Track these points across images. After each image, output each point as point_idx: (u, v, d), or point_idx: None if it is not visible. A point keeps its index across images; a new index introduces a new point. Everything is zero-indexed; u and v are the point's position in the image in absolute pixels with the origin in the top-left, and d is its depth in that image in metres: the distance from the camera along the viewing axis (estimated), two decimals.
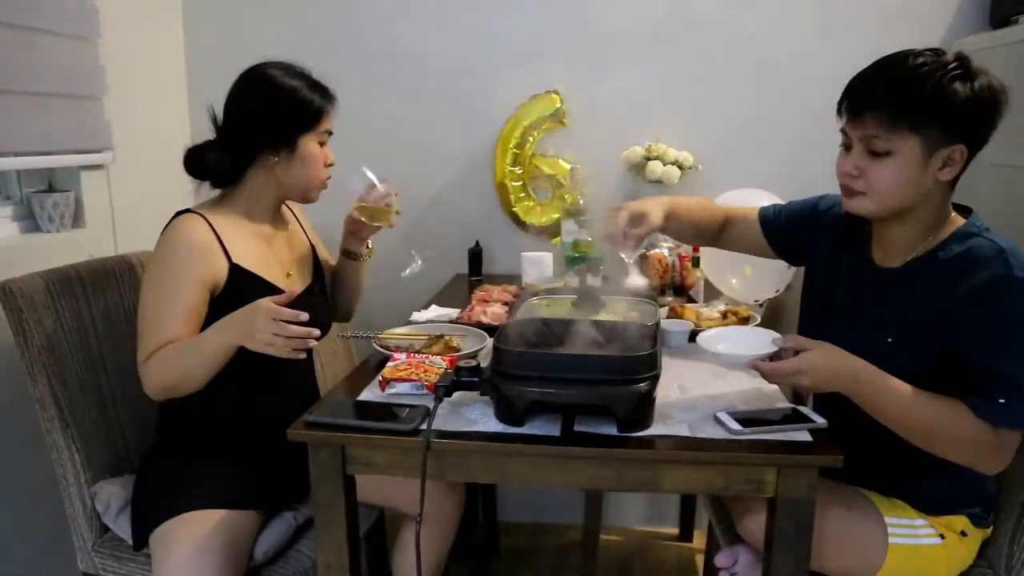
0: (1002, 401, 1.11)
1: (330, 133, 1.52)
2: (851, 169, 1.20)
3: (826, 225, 1.39)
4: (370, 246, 1.71)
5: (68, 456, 1.45)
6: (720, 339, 1.31)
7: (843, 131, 1.23)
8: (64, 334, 1.48)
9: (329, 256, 1.74)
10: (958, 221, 1.23)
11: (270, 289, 1.43)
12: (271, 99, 1.45)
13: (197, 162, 1.46)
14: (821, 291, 1.39)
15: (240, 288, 1.40)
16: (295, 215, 1.67)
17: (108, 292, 1.59)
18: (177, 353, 1.34)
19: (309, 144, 1.47)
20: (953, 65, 1.12)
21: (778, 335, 1.22)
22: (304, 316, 1.25)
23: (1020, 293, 1.11)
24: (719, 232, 1.54)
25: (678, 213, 1.44)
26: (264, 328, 1.24)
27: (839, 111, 1.23)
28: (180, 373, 1.34)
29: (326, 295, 1.68)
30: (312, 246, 1.66)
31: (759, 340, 1.25)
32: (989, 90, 1.13)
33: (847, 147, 1.23)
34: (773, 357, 1.19)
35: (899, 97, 1.14)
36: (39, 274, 1.48)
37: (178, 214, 1.43)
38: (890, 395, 1.15)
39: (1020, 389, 1.11)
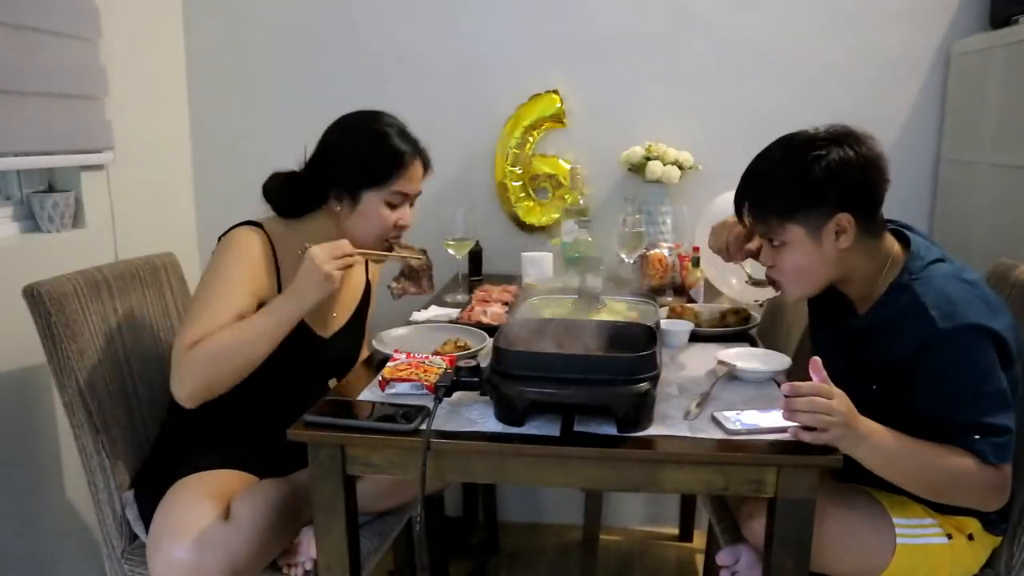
0: (977, 437, 1.15)
1: (406, 196, 1.48)
2: (766, 261, 1.33)
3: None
4: None
5: (98, 462, 1.43)
6: (739, 357, 1.40)
7: None
8: (91, 338, 1.46)
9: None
10: (899, 262, 1.27)
11: (307, 333, 1.44)
12: (351, 141, 1.45)
13: (269, 186, 1.48)
14: (819, 335, 1.47)
15: None
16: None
17: (133, 295, 1.58)
18: (228, 336, 1.31)
19: (374, 201, 1.44)
20: (804, 145, 1.24)
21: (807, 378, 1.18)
22: (347, 248, 1.36)
23: (949, 345, 1.16)
24: None
25: None
26: (325, 260, 1.32)
27: None
28: (230, 359, 1.32)
29: (361, 335, 1.66)
30: (368, 284, 1.66)
31: (774, 360, 1.40)
32: (842, 163, 1.21)
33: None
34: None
35: (762, 199, 1.28)
36: (66, 276, 1.46)
37: (245, 223, 1.44)
38: (901, 449, 1.15)
39: (985, 428, 1.15)
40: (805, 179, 1.22)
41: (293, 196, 1.47)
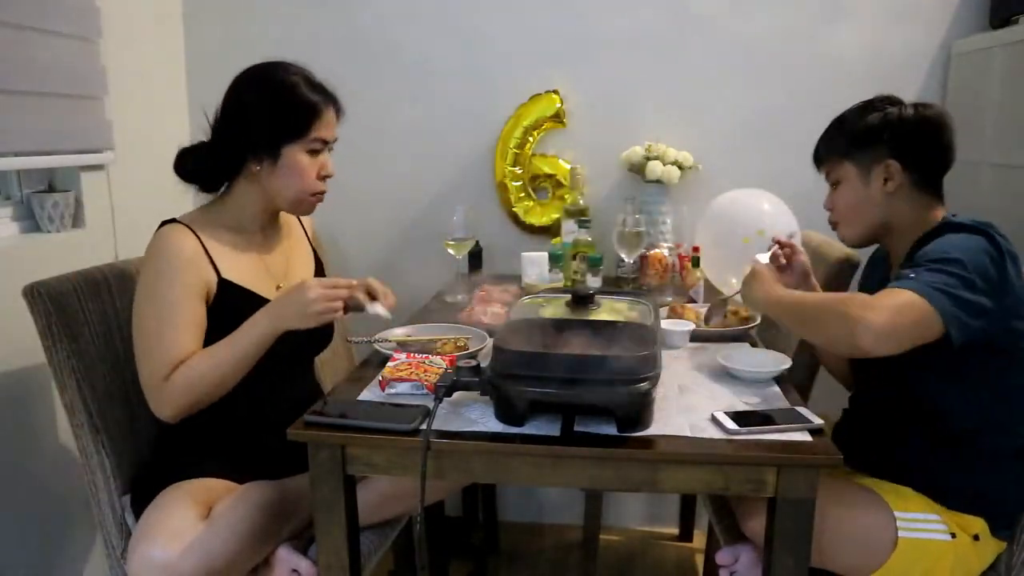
0: (912, 276, 1.17)
1: (326, 142, 1.42)
2: (827, 205, 1.46)
3: (875, 266, 1.56)
4: None
5: (98, 462, 1.43)
6: (737, 359, 1.42)
7: None
8: (91, 338, 1.45)
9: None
10: (937, 219, 1.35)
11: (261, 303, 1.40)
12: (260, 99, 1.37)
13: (183, 164, 1.42)
14: None
15: (229, 303, 1.38)
16: (300, 221, 1.63)
17: (132, 294, 1.57)
18: (206, 361, 1.32)
19: (295, 154, 1.38)
20: (878, 103, 1.37)
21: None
22: (343, 281, 1.36)
23: (953, 231, 1.26)
24: None
25: None
26: (316, 299, 1.30)
27: None
28: (212, 381, 1.32)
29: None
30: (316, 254, 1.62)
31: (772, 359, 1.42)
32: (899, 117, 1.34)
33: None
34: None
35: (829, 136, 1.43)
36: (66, 276, 1.45)
37: (164, 223, 1.39)
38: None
39: (920, 278, 1.16)
40: (863, 123, 1.37)
41: (213, 168, 1.41)
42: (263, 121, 1.37)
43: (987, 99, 1.91)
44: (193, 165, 1.41)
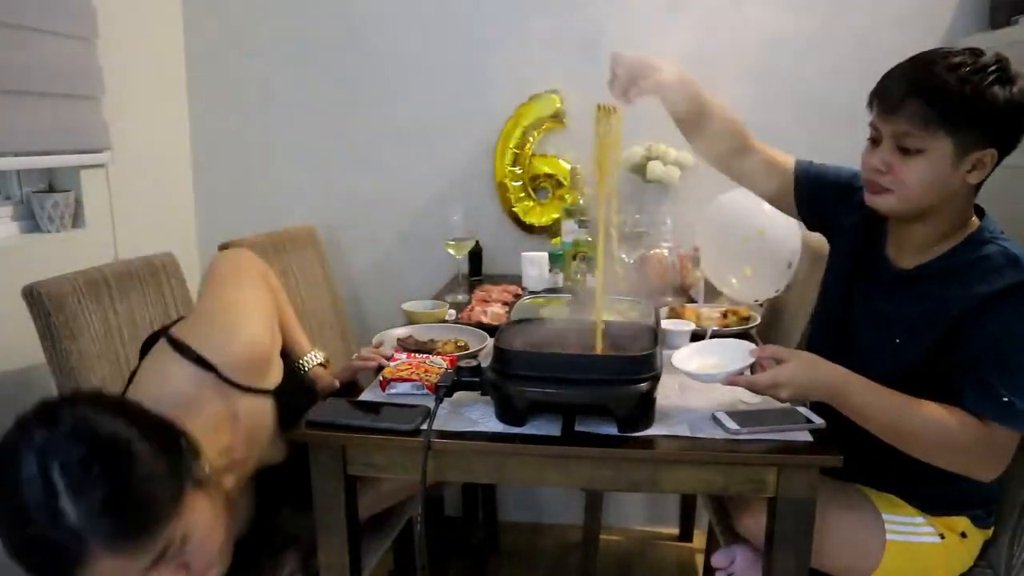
0: (1006, 400, 1.10)
1: None
2: (879, 165, 1.19)
3: (853, 207, 1.34)
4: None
5: None
6: (693, 357, 1.28)
7: (873, 125, 1.21)
8: (91, 338, 1.45)
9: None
10: (974, 225, 1.23)
11: None
12: None
13: None
14: (839, 283, 1.37)
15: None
16: None
17: (133, 295, 1.57)
18: None
19: None
20: (993, 68, 1.12)
21: (754, 347, 1.21)
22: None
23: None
24: (741, 154, 1.46)
25: (699, 95, 1.44)
26: None
27: (870, 104, 1.21)
28: None
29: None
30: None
31: (736, 352, 1.24)
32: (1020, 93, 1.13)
33: (875, 141, 1.21)
34: (752, 368, 1.18)
35: (938, 96, 1.12)
36: (66, 276, 1.45)
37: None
38: (873, 401, 1.13)
39: (1015, 390, 1.10)
40: (991, 99, 1.11)
41: None
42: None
43: None
44: None
